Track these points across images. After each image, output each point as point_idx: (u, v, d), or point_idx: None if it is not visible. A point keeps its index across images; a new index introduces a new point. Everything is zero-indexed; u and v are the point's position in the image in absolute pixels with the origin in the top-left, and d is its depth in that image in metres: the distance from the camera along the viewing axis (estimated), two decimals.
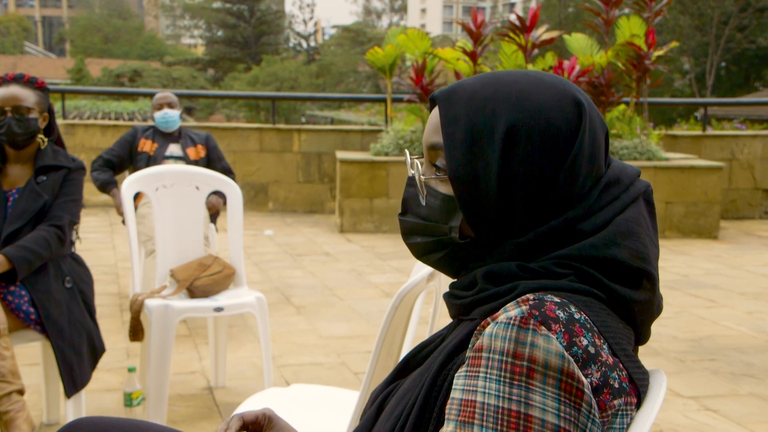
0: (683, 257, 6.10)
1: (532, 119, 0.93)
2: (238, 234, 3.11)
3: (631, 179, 0.98)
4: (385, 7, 66.15)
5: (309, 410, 1.90)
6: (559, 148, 0.93)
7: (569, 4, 29.10)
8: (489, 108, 0.95)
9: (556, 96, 0.94)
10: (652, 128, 8.08)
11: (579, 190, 0.94)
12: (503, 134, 0.93)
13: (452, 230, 0.99)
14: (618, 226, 0.93)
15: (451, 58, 7.15)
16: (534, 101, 0.94)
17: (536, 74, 0.98)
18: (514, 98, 0.94)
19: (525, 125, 0.93)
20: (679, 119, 15.97)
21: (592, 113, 0.96)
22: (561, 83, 0.97)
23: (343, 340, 3.91)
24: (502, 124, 0.93)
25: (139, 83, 28.44)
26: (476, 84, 0.98)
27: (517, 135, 0.92)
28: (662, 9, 7.16)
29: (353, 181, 6.95)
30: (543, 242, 0.94)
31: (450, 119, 0.97)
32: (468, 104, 0.96)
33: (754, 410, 3.09)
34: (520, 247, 0.95)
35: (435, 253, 1.02)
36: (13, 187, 2.61)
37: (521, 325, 0.84)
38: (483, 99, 0.96)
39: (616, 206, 0.95)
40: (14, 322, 2.46)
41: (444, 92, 1.00)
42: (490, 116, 0.94)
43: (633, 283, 0.94)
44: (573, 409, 0.82)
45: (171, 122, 4.39)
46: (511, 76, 0.98)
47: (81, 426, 1.22)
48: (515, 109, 0.93)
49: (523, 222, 0.95)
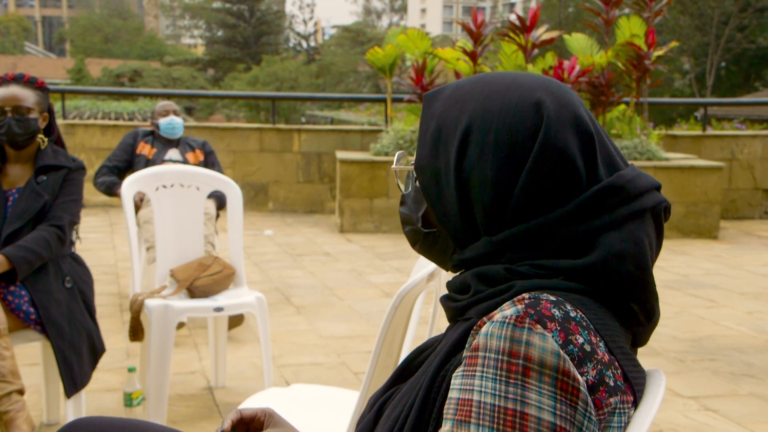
0: (683, 257, 6.10)
1: (488, 119, 0.93)
2: (238, 234, 3.11)
3: (640, 190, 0.92)
4: (385, 7, 66.15)
5: (309, 410, 1.90)
6: (516, 149, 0.91)
7: (569, 4, 29.11)
8: (459, 104, 0.97)
9: (521, 97, 0.93)
10: (652, 128, 8.08)
11: (551, 193, 0.91)
12: (461, 132, 0.95)
13: (418, 220, 1.04)
14: (609, 249, 0.89)
15: (451, 58, 7.15)
16: (497, 102, 0.94)
17: (516, 75, 0.96)
18: (481, 98, 0.95)
19: (480, 125, 0.94)
20: (679, 119, 15.97)
21: (561, 116, 0.91)
22: (536, 85, 0.94)
23: (343, 340, 3.91)
24: (464, 120, 0.95)
25: (139, 83, 28.44)
26: (460, 83, 1.01)
27: (472, 132, 0.94)
28: (662, 9, 7.16)
29: (353, 181, 6.95)
30: (517, 242, 0.93)
31: (428, 115, 1.01)
32: (445, 102, 0.99)
33: (754, 410, 3.09)
34: (494, 244, 0.94)
35: (418, 243, 1.07)
36: (13, 187, 2.61)
37: (517, 324, 0.85)
38: (457, 98, 0.98)
39: (605, 219, 0.90)
40: (14, 322, 2.46)
41: (431, 92, 1.03)
42: (458, 112, 0.96)
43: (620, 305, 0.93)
44: (569, 407, 0.83)
45: (177, 129, 4.44)
46: (493, 76, 0.98)
47: (81, 426, 1.22)
48: (477, 109, 0.95)
49: (487, 219, 0.94)
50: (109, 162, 4.42)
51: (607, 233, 0.90)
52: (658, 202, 0.94)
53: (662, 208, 0.94)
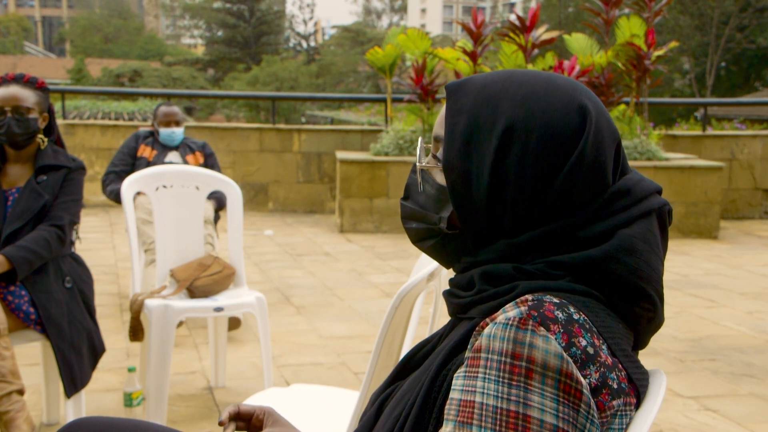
0: (683, 257, 6.10)
1: (532, 120, 0.92)
2: (238, 234, 3.11)
3: (645, 193, 0.95)
4: (385, 7, 66.15)
5: (309, 410, 1.90)
6: (557, 153, 0.91)
7: (569, 4, 29.10)
8: (493, 104, 0.94)
9: (562, 100, 0.93)
10: (652, 128, 8.08)
11: (579, 197, 0.92)
12: (501, 131, 0.92)
13: (441, 220, 1.01)
14: (621, 241, 0.91)
15: (451, 58, 7.15)
16: (538, 103, 0.93)
17: (549, 76, 0.97)
18: (520, 97, 0.94)
19: (524, 125, 0.92)
20: (679, 119, 15.97)
21: (600, 121, 0.94)
22: (572, 88, 0.95)
23: (343, 340, 3.91)
24: (502, 121, 0.93)
25: (139, 83, 28.43)
26: (487, 79, 0.98)
27: (515, 134, 0.92)
28: (662, 9, 7.16)
29: (353, 181, 6.95)
30: (537, 245, 0.93)
31: (454, 111, 0.97)
32: (474, 98, 0.96)
33: (754, 410, 3.09)
34: (513, 247, 0.94)
35: (427, 240, 1.04)
36: (13, 186, 2.61)
37: (520, 326, 0.84)
38: (489, 94, 0.95)
39: (620, 218, 0.93)
40: (14, 322, 2.46)
41: (455, 84, 1.00)
42: (492, 112, 0.94)
43: (630, 299, 0.93)
44: (571, 410, 0.83)
45: (176, 140, 4.50)
46: (524, 75, 0.97)
47: (81, 426, 1.22)
48: (517, 108, 0.93)
49: (513, 222, 0.94)
50: (115, 167, 4.43)
51: (620, 231, 0.92)
52: (662, 204, 0.96)
53: (666, 210, 0.97)
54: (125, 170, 4.37)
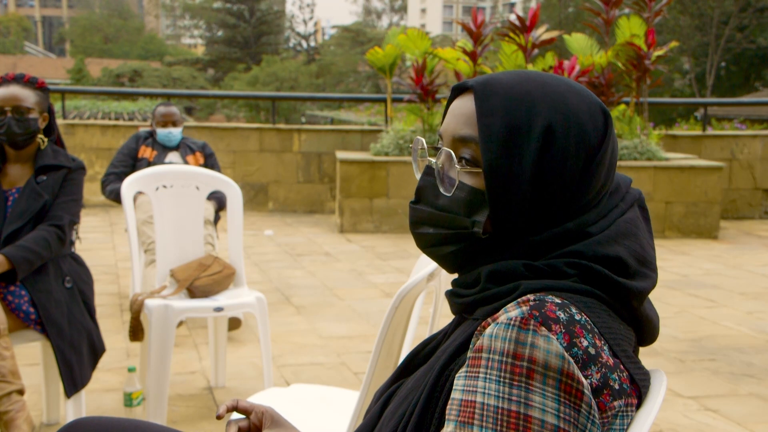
0: (683, 257, 6.10)
1: (568, 121, 0.94)
2: (238, 234, 3.11)
3: (627, 187, 1.03)
4: (385, 7, 66.18)
5: (309, 410, 1.90)
6: (588, 152, 0.95)
7: (569, 4, 29.11)
8: (527, 104, 0.95)
9: (587, 103, 0.97)
10: (652, 128, 8.08)
11: (594, 195, 0.97)
12: (541, 132, 0.93)
13: (475, 224, 0.96)
14: (618, 227, 0.97)
15: (451, 58, 7.15)
16: (569, 105, 0.95)
17: (562, 78, 1.00)
18: (550, 98, 0.95)
19: (562, 126, 0.94)
20: (679, 119, 15.97)
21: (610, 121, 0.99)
22: (587, 91, 1.00)
23: (343, 340, 3.91)
24: (540, 122, 0.93)
25: (139, 83, 28.45)
26: (512, 79, 0.97)
27: (554, 135, 0.93)
28: (662, 9, 7.16)
29: (353, 181, 6.95)
30: (554, 242, 0.95)
31: (486, 111, 0.95)
32: (505, 98, 0.95)
33: (754, 410, 3.09)
34: (533, 245, 0.95)
35: (446, 246, 0.99)
36: (13, 186, 2.61)
37: (521, 326, 0.85)
38: (521, 95, 0.95)
39: (616, 212, 0.99)
40: (14, 322, 2.46)
41: (480, 83, 0.98)
42: (528, 113, 0.94)
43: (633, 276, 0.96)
44: (572, 410, 0.83)
45: (174, 140, 4.50)
46: (541, 76, 0.99)
47: (81, 426, 1.22)
48: (553, 110, 0.94)
49: (542, 220, 0.96)
50: (115, 168, 4.43)
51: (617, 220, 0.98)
52: (639, 193, 1.04)
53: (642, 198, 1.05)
54: (125, 171, 4.37)
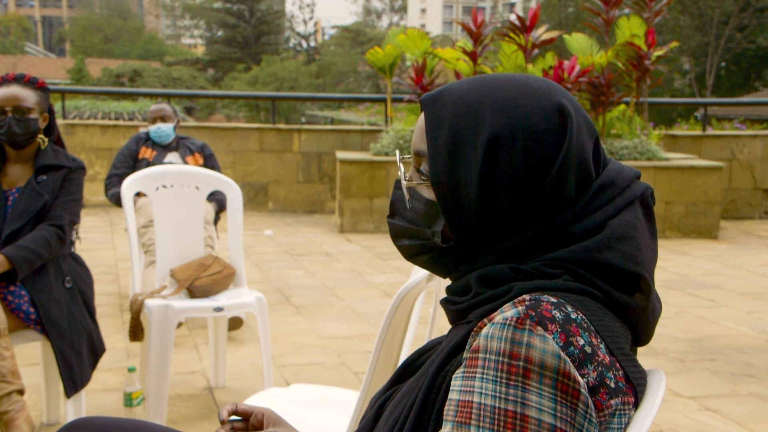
0: (683, 257, 6.10)
1: (515, 126, 0.92)
2: (238, 234, 3.11)
3: (627, 181, 0.98)
4: (385, 7, 66.17)
5: (309, 410, 1.90)
6: (543, 155, 0.92)
7: (569, 4, 29.10)
8: (473, 113, 0.94)
9: (540, 103, 0.94)
10: (652, 128, 8.08)
11: (568, 194, 0.94)
12: (486, 140, 0.92)
13: (434, 235, 1.00)
14: (612, 230, 0.93)
15: (451, 58, 7.15)
16: (518, 108, 0.93)
17: (523, 79, 0.97)
18: (499, 104, 0.94)
19: (508, 132, 0.92)
20: (679, 119, 15.97)
21: (578, 119, 0.95)
22: (548, 89, 0.96)
23: (343, 340, 3.91)
24: (485, 130, 0.93)
25: (139, 83, 28.43)
26: (462, 89, 0.98)
27: (500, 142, 0.92)
28: (662, 9, 7.16)
29: (353, 181, 6.95)
30: (532, 245, 0.94)
31: (434, 124, 0.97)
32: (453, 109, 0.96)
33: (754, 410, 3.09)
34: (510, 250, 0.95)
35: (422, 256, 1.03)
36: (13, 186, 2.61)
37: (517, 326, 0.85)
38: (467, 104, 0.95)
39: (609, 209, 0.94)
40: (14, 322, 2.46)
41: (430, 96, 0.99)
42: (473, 122, 0.94)
43: (626, 287, 0.94)
44: (569, 409, 0.83)
45: (164, 136, 4.52)
46: (497, 81, 0.97)
47: (81, 426, 1.22)
48: (499, 116, 0.93)
49: (506, 227, 0.95)
50: (117, 170, 4.44)
51: (609, 221, 0.94)
52: (644, 189, 0.98)
53: (648, 194, 0.99)
54: (127, 172, 4.37)
